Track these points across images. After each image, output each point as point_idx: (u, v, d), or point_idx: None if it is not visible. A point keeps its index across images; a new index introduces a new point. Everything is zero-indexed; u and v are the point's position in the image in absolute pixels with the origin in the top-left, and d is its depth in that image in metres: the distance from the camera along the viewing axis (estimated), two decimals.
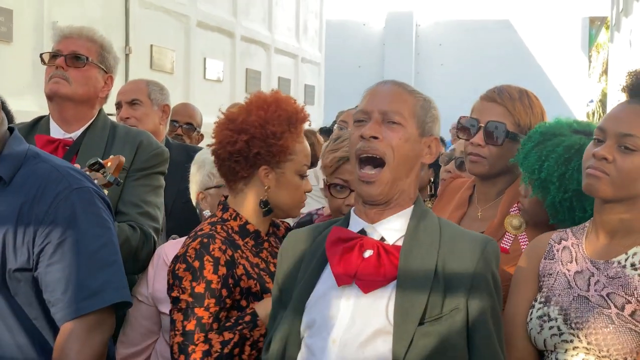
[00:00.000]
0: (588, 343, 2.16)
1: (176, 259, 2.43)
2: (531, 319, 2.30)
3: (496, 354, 2.05)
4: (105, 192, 2.61)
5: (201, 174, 3.03)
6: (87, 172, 2.60)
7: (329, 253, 2.09)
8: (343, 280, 2.04)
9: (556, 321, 2.23)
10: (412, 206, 2.15)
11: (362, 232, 2.13)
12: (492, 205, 2.80)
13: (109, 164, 2.70)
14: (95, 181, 2.58)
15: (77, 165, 2.59)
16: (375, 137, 2.07)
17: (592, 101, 21.18)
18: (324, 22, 18.07)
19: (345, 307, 2.04)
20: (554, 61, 21.43)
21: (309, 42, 16.99)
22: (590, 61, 23.08)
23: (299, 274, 2.15)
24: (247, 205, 2.56)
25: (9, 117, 4.04)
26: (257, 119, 2.50)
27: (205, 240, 2.41)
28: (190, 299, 2.37)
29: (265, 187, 2.53)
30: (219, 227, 2.50)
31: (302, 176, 2.58)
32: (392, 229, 2.11)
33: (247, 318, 2.39)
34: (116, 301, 2.16)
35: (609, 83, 20.61)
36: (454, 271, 2.03)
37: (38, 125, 3.18)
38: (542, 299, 2.31)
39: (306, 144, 2.61)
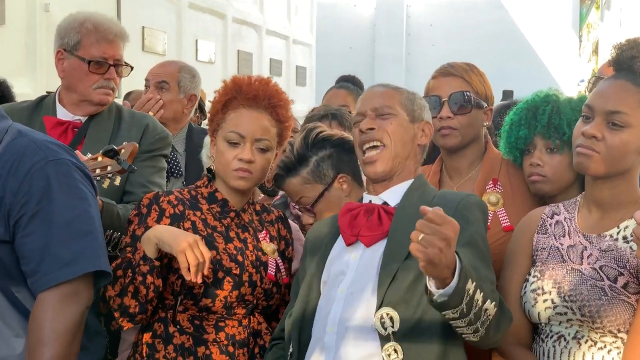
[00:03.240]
0: (582, 315, 2.19)
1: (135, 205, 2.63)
2: (525, 292, 2.33)
3: (479, 267, 2.14)
4: (119, 178, 2.66)
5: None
6: (101, 159, 2.64)
7: (340, 222, 2.39)
8: (349, 239, 2.35)
9: (550, 294, 2.26)
10: (413, 179, 2.42)
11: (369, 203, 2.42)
12: (466, 180, 2.84)
13: (122, 150, 2.69)
14: (109, 167, 2.62)
15: (79, 154, 2.60)
16: (372, 129, 2.37)
17: (582, 81, 21.14)
18: (315, 4, 18.02)
19: (353, 262, 2.33)
20: (545, 40, 21.38)
21: (300, 23, 16.94)
22: (580, 40, 23.06)
23: (321, 250, 2.44)
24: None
25: (10, 96, 4.05)
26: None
27: (161, 193, 2.63)
28: (128, 240, 2.54)
29: (210, 156, 2.68)
30: (186, 190, 2.66)
31: (231, 143, 2.57)
32: (393, 196, 2.39)
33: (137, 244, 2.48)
34: (90, 270, 2.14)
35: (600, 62, 20.58)
36: None
37: (42, 105, 3.17)
38: (536, 273, 2.33)
39: (241, 113, 2.59)
